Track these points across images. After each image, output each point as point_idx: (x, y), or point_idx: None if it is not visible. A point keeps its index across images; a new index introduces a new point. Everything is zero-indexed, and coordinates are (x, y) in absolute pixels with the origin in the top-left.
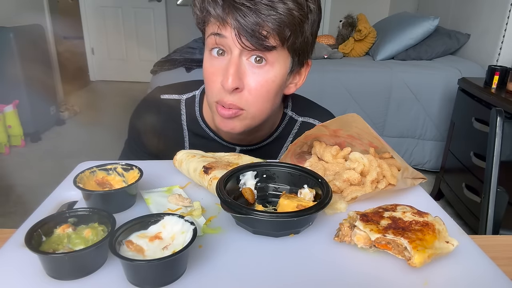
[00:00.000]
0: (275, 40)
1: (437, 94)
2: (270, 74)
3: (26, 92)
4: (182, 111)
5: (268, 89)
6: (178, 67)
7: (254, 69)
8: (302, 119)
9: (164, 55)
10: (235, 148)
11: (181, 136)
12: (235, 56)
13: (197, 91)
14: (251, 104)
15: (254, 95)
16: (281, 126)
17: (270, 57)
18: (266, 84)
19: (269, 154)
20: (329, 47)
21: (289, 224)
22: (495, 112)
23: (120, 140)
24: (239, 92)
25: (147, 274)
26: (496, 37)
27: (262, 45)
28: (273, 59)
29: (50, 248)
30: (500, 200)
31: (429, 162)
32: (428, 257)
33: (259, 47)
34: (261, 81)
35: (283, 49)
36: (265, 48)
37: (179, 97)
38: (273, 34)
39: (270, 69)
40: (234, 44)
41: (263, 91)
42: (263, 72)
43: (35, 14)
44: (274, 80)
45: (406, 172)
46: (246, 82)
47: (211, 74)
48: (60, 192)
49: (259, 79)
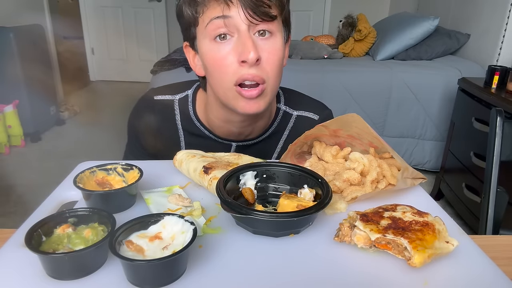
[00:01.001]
0: (276, 9)
1: (437, 94)
2: (277, 43)
3: (26, 92)
4: (176, 111)
5: (279, 58)
6: (178, 67)
7: (264, 41)
8: (297, 113)
9: (164, 55)
10: (231, 145)
11: (177, 135)
12: (244, 32)
13: (189, 91)
14: (270, 75)
15: (271, 65)
16: (276, 121)
17: (273, 28)
18: (276, 53)
19: (266, 150)
20: (329, 47)
21: (289, 224)
22: (495, 112)
23: (120, 140)
24: (258, 64)
25: (147, 274)
26: (496, 37)
27: (268, 15)
28: (275, 29)
29: (50, 248)
30: (500, 200)
31: (429, 162)
32: (428, 257)
33: (265, 17)
34: (272, 51)
35: (279, 19)
36: (271, 18)
37: (172, 97)
38: (274, 3)
39: (275, 39)
40: (241, 21)
41: (276, 60)
42: (270, 43)
43: (35, 14)
44: (280, 49)
45: (406, 172)
46: (262, 54)
47: (221, 59)
48: (60, 192)
49: (270, 49)
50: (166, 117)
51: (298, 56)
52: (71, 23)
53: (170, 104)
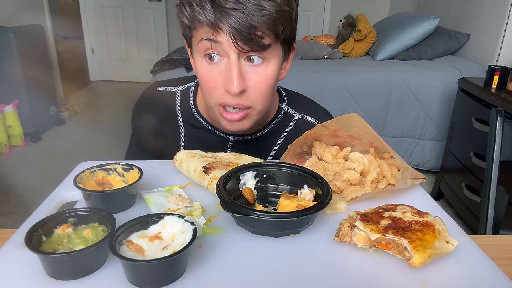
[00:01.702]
0: (270, 37)
1: (437, 94)
2: (269, 69)
3: (26, 92)
4: (177, 102)
5: (269, 84)
6: (178, 67)
7: (254, 69)
8: (299, 116)
9: (164, 55)
10: (229, 138)
11: (177, 127)
12: (233, 59)
13: (192, 83)
14: (257, 102)
15: (258, 92)
16: (276, 119)
17: (266, 55)
18: (267, 80)
19: (264, 146)
20: (329, 47)
21: (289, 224)
22: (495, 112)
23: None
24: (244, 93)
25: (147, 274)
26: (496, 37)
27: (259, 46)
28: (269, 56)
29: (50, 248)
30: (500, 200)
31: (429, 162)
32: (428, 257)
33: (256, 48)
34: (263, 78)
35: (277, 43)
36: (262, 47)
37: (174, 89)
38: (268, 33)
39: (268, 65)
40: (230, 48)
41: (265, 87)
42: (262, 70)
43: (35, 14)
44: (273, 74)
45: (406, 172)
46: (249, 83)
47: (210, 79)
48: (60, 192)
49: (260, 77)
50: (167, 108)
51: (298, 56)
52: (71, 23)
53: (172, 95)
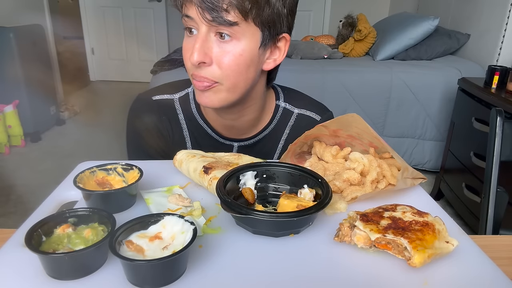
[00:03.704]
0: (235, 14)
1: (437, 94)
2: (237, 48)
3: (26, 92)
4: (178, 110)
5: (237, 63)
6: (178, 67)
7: (220, 44)
8: (298, 111)
9: (164, 55)
10: (233, 145)
11: (182, 135)
12: (202, 32)
13: (189, 89)
14: (223, 78)
15: (224, 68)
16: (275, 117)
17: (234, 32)
18: (234, 58)
19: (268, 147)
20: (329, 47)
21: (289, 224)
22: (495, 112)
23: (120, 140)
24: (207, 66)
25: (147, 274)
26: (496, 37)
27: (223, 19)
28: (238, 34)
29: (50, 248)
30: (500, 200)
31: (429, 162)
32: (428, 257)
33: (221, 21)
34: (228, 55)
35: (249, 23)
36: (226, 22)
37: (171, 96)
38: (232, 7)
39: (237, 43)
40: (200, 21)
41: (231, 65)
42: (229, 47)
43: (35, 14)
44: (242, 54)
45: (406, 172)
46: (214, 57)
47: (185, 51)
48: (60, 192)
49: (225, 53)
50: (169, 117)
51: (298, 56)
52: (71, 23)
53: (171, 103)
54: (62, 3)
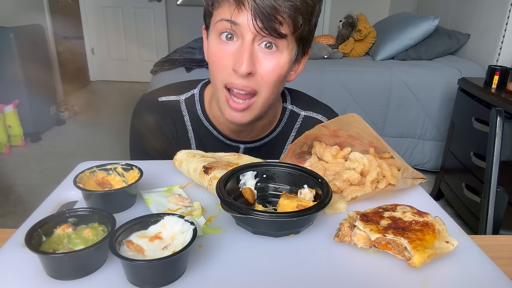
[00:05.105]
0: (288, 27)
1: (437, 94)
2: (280, 60)
3: (26, 92)
4: (184, 112)
5: (279, 75)
6: (178, 67)
7: (266, 55)
8: (305, 113)
9: (164, 55)
10: (239, 147)
11: (187, 137)
12: (248, 41)
13: (195, 90)
14: (263, 88)
15: (266, 79)
16: (282, 120)
17: (280, 44)
18: (277, 69)
19: (274, 150)
20: (329, 47)
21: (289, 224)
22: (495, 112)
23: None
24: (251, 76)
25: (147, 274)
26: (496, 37)
27: (276, 31)
28: (282, 46)
29: (50, 248)
30: (500, 200)
31: (429, 162)
32: (428, 257)
33: (272, 32)
34: (273, 66)
35: (292, 37)
36: (278, 35)
37: (177, 97)
38: (287, 21)
39: (280, 55)
40: (247, 28)
41: (274, 76)
42: (274, 58)
43: (35, 14)
44: (283, 67)
45: (406, 172)
46: (259, 67)
47: (221, 58)
48: (60, 192)
49: (271, 64)
50: (174, 118)
51: None
52: (71, 23)
53: (177, 105)
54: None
